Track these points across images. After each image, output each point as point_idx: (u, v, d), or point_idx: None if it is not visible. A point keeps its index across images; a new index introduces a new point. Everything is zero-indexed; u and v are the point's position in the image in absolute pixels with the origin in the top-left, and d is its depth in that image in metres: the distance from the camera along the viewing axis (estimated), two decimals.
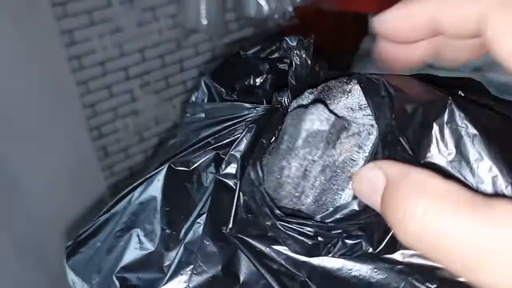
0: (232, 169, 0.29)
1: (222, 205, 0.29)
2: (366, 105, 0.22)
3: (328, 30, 0.81)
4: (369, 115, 0.22)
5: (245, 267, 0.27)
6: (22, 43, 0.67)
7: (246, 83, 0.38)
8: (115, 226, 0.32)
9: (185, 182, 0.30)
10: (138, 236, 0.31)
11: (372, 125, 0.21)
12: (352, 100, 0.22)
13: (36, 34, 0.68)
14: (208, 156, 0.30)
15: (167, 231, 0.30)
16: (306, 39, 0.29)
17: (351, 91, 0.23)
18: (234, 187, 0.28)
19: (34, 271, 0.78)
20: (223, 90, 0.36)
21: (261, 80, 0.37)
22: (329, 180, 0.22)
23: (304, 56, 0.26)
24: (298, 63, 0.26)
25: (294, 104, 0.24)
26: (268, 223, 0.24)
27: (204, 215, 0.29)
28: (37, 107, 0.71)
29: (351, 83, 0.23)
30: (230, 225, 0.27)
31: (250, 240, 0.26)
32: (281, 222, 0.24)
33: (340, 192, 0.22)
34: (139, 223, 0.31)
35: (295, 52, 0.26)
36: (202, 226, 0.29)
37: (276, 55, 0.40)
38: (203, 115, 0.33)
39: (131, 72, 0.77)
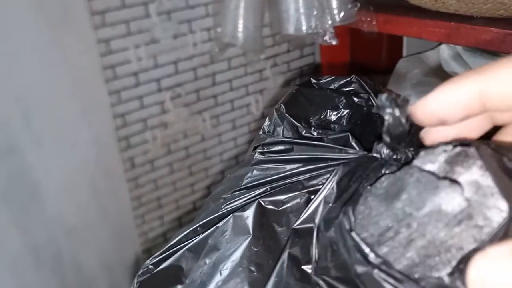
0: (317, 211, 0.28)
1: (305, 247, 0.28)
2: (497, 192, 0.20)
3: (363, 50, 0.81)
4: (500, 210, 0.20)
5: None
6: (58, 50, 0.66)
7: (322, 117, 0.37)
8: (198, 261, 0.31)
9: (273, 223, 0.30)
10: (221, 272, 0.30)
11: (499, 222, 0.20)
12: (483, 178, 0.21)
13: (72, 42, 0.66)
14: (300, 199, 0.29)
15: (255, 274, 0.29)
16: (400, 97, 0.28)
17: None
18: (317, 229, 0.27)
19: (49, 279, 0.76)
20: (298, 124, 0.35)
21: (338, 115, 0.36)
22: (428, 257, 0.21)
23: (398, 114, 0.25)
24: (392, 121, 0.25)
25: (419, 162, 0.22)
26: (360, 270, 0.23)
27: (286, 255, 0.28)
28: (70, 116, 0.69)
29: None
30: (314, 265, 0.27)
31: (334, 282, 0.26)
32: (378, 271, 0.23)
33: (433, 271, 0.21)
34: (223, 260, 0.30)
35: (388, 110, 0.25)
36: (285, 267, 0.28)
37: (351, 87, 0.39)
38: (282, 147, 0.32)
39: (163, 83, 0.76)
